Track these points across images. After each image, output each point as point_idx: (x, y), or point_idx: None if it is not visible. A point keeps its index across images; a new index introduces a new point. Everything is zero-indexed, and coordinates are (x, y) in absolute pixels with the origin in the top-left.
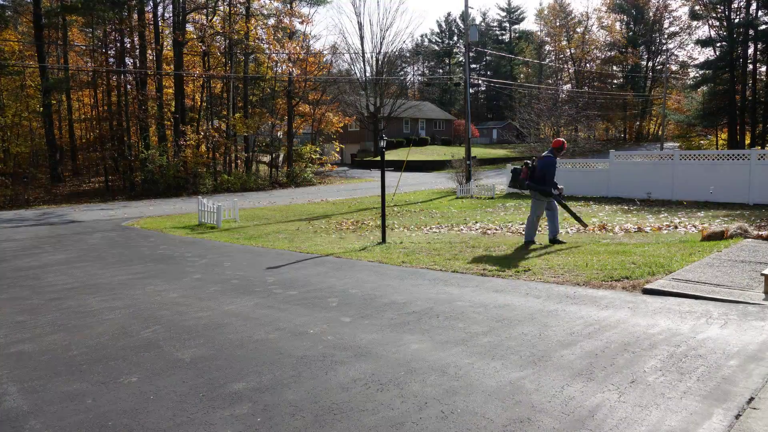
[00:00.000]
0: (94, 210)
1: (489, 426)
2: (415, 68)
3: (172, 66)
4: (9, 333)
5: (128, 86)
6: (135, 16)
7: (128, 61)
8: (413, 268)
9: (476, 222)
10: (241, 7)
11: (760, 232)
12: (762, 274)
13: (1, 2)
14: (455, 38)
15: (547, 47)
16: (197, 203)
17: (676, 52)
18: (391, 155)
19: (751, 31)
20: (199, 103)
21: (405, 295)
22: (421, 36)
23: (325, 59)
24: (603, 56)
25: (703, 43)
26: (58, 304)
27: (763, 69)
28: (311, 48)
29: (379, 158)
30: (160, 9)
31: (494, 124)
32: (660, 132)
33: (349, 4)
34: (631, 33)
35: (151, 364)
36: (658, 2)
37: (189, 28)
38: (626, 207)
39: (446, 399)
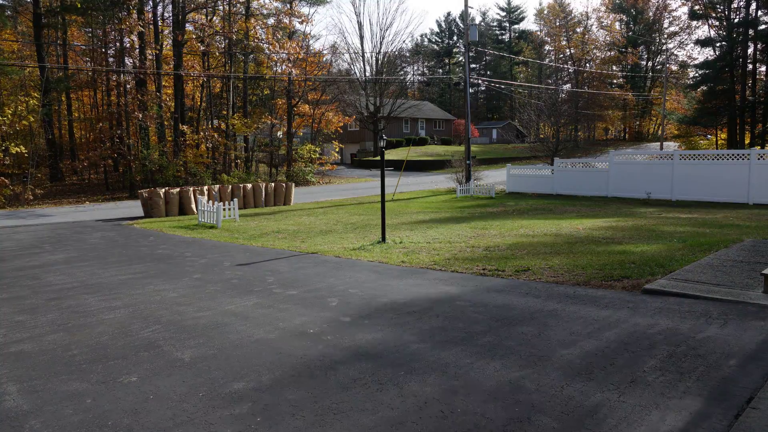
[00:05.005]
0: (93, 210)
1: (489, 426)
2: (415, 68)
3: (171, 66)
4: (9, 333)
5: (127, 86)
6: (135, 15)
7: (128, 61)
8: (413, 267)
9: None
10: (241, 7)
11: None
12: (762, 274)
13: (1, 2)
14: (455, 38)
15: (547, 47)
16: (197, 203)
17: (676, 52)
18: (390, 155)
19: (750, 31)
20: (198, 103)
21: (405, 295)
22: (421, 36)
23: (324, 59)
24: (603, 56)
25: (703, 43)
26: (58, 304)
27: (763, 69)
28: (311, 48)
29: (378, 158)
30: (159, 9)
31: (494, 124)
32: (660, 132)
33: (348, 3)
34: (630, 33)
35: (151, 364)
36: (657, 2)
37: (189, 27)
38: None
39: (446, 399)
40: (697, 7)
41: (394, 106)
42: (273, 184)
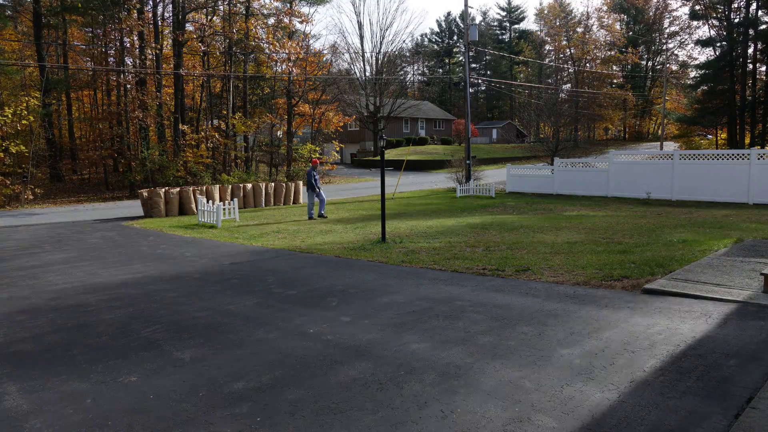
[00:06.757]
0: (93, 210)
1: (489, 426)
2: (415, 68)
3: (171, 65)
4: (9, 333)
5: (128, 86)
6: (135, 15)
7: (128, 60)
8: (413, 267)
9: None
10: (241, 7)
11: None
12: (761, 274)
13: (1, 2)
14: (455, 38)
15: (547, 47)
16: (197, 203)
17: (676, 52)
18: (390, 155)
19: (751, 31)
20: (198, 103)
21: (405, 295)
22: (421, 36)
23: (324, 59)
24: (603, 56)
25: (703, 43)
26: (58, 304)
27: (763, 69)
28: (311, 47)
29: (378, 158)
30: (159, 8)
31: (494, 124)
32: (660, 132)
33: (348, 3)
34: (631, 33)
35: (151, 364)
36: (658, 2)
37: (189, 27)
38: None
39: (446, 399)
40: (697, 7)
41: (394, 106)
42: (273, 183)
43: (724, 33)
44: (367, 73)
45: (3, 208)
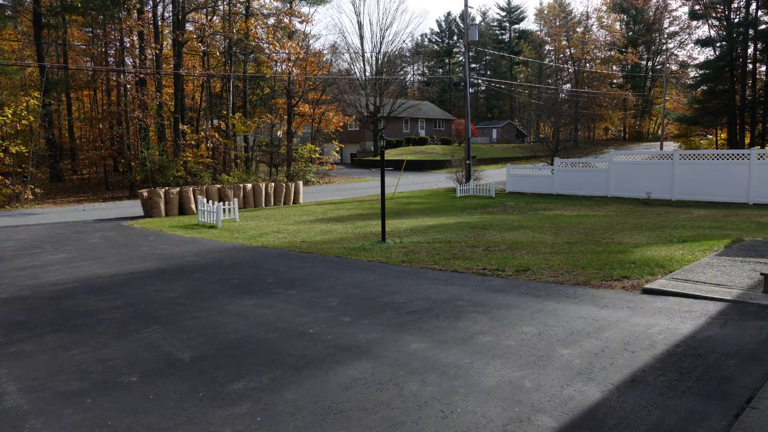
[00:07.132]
0: (93, 209)
1: (489, 426)
2: (415, 68)
3: (171, 65)
4: (9, 333)
5: (128, 86)
6: (135, 15)
7: (128, 60)
8: (413, 267)
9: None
10: (241, 7)
11: None
12: (761, 274)
13: (1, 2)
14: (455, 38)
15: (547, 47)
16: (197, 203)
17: (676, 52)
18: (390, 155)
19: (751, 31)
20: (198, 103)
21: (405, 295)
22: (421, 36)
23: (324, 59)
24: (603, 56)
25: (703, 43)
26: (58, 304)
27: (763, 69)
28: (311, 47)
29: (378, 158)
30: (159, 8)
31: (494, 124)
32: (660, 132)
33: (348, 3)
34: (630, 33)
35: (151, 364)
36: (658, 2)
37: (189, 27)
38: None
39: (446, 399)
40: (697, 7)
41: (394, 106)
42: (273, 183)
43: (724, 33)
44: (367, 73)
45: (3, 208)
